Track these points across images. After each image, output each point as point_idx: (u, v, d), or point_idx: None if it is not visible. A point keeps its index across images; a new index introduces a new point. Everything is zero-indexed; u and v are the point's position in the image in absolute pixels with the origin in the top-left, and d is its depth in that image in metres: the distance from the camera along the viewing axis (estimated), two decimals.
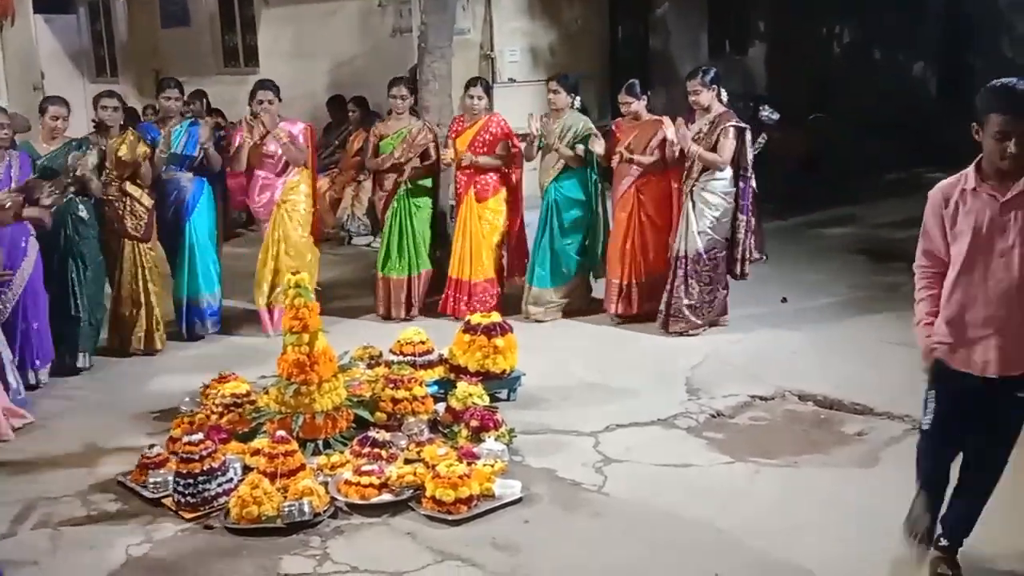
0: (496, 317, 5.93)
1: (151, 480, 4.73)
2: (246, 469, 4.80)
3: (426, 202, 7.60)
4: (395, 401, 5.34)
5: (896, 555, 3.94)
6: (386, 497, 4.56)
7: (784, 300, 7.77)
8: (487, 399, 5.43)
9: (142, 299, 6.80)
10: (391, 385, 5.40)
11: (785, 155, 11.06)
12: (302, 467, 4.70)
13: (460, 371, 5.75)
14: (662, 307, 7.08)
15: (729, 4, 13.57)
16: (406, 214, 7.50)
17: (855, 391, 5.78)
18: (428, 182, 7.60)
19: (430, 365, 5.87)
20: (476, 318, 5.90)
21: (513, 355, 5.82)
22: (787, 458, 5.02)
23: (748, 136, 6.91)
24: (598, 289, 7.68)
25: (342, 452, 4.99)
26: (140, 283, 6.81)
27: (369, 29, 10.93)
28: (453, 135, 7.56)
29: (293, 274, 5.22)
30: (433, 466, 4.63)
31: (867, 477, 4.80)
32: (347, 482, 4.62)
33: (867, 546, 4.14)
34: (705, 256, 6.93)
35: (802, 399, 5.80)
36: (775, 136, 10.84)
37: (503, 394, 5.86)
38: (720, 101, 6.92)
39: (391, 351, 5.98)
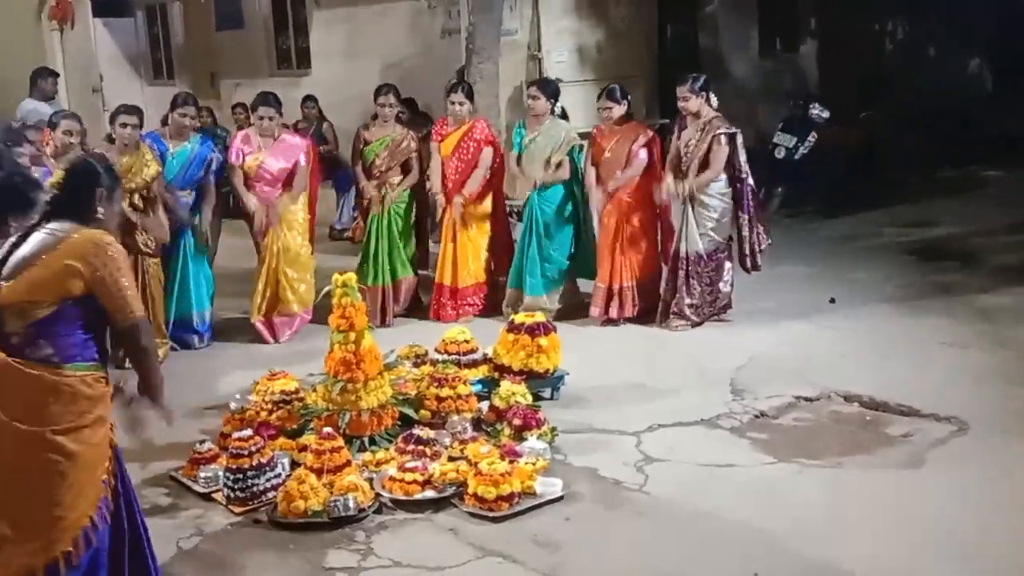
0: (540, 317, 5.96)
1: (202, 475, 4.83)
2: (294, 465, 4.88)
3: (406, 209, 7.56)
4: (439, 399, 5.40)
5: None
6: (429, 494, 4.63)
7: (832, 301, 7.70)
8: (530, 398, 5.47)
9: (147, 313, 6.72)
10: (436, 383, 5.46)
11: (835, 153, 11.00)
12: (348, 463, 4.77)
13: (504, 370, 5.79)
14: (662, 306, 7.17)
15: (780, 1, 13.46)
16: (385, 223, 7.46)
17: (902, 392, 5.73)
18: (409, 191, 7.57)
19: (474, 364, 5.92)
20: (520, 317, 5.94)
21: (556, 354, 5.86)
22: (831, 459, 4.99)
23: (740, 139, 6.97)
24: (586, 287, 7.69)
25: (387, 449, 5.06)
26: (145, 296, 6.58)
27: (419, 30, 11.01)
28: (437, 139, 7.58)
29: (340, 273, 5.31)
30: (476, 463, 4.68)
31: (912, 479, 4.76)
32: (391, 478, 4.69)
33: (910, 549, 4.11)
34: (706, 258, 7.01)
35: (848, 400, 5.76)
36: (825, 134, 10.88)
37: (546, 393, 5.89)
38: (710, 106, 6.98)
39: (436, 350, 6.04)
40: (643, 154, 7.20)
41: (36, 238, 3.30)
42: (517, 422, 5.18)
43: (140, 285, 6.51)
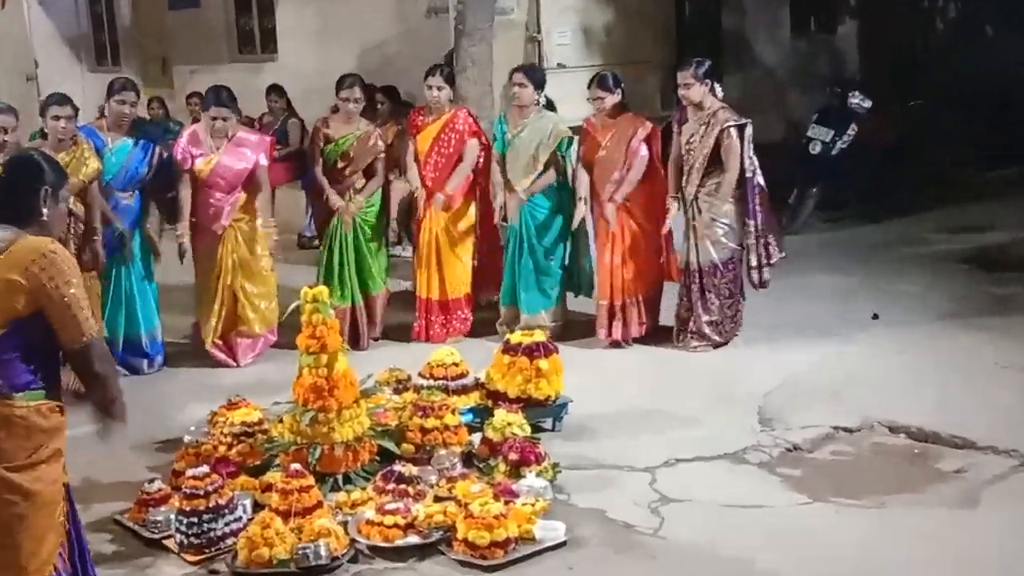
0: (540, 336, 5.99)
1: (151, 518, 4.83)
2: (257, 507, 4.89)
3: (374, 214, 7.57)
4: (424, 431, 5.41)
5: None
6: (413, 539, 4.63)
7: (875, 316, 7.75)
8: (528, 429, 5.48)
9: None
10: (420, 413, 5.47)
11: (878, 148, 11.07)
12: (319, 505, 4.78)
13: (498, 397, 5.81)
14: (678, 325, 7.21)
15: None
16: (351, 232, 7.45)
17: (955, 422, 5.75)
18: (376, 194, 7.59)
19: (464, 390, 5.94)
20: (517, 337, 5.96)
21: (558, 379, 5.88)
22: (874, 498, 5.02)
23: (749, 132, 6.97)
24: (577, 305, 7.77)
25: (364, 488, 5.06)
26: None
27: (401, 9, 11.07)
28: (413, 131, 7.62)
29: (310, 287, 5.33)
30: (466, 505, 4.69)
31: (966, 520, 4.78)
32: (369, 522, 4.70)
33: None
34: (722, 268, 7.06)
35: (893, 431, 5.79)
36: (866, 127, 10.93)
37: (547, 423, 5.91)
38: (714, 96, 7.02)
39: (420, 374, 6.05)
40: (644, 150, 7.22)
41: None
42: (514, 457, 5.19)
43: None
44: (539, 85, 7.43)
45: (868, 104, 10.92)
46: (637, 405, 6.28)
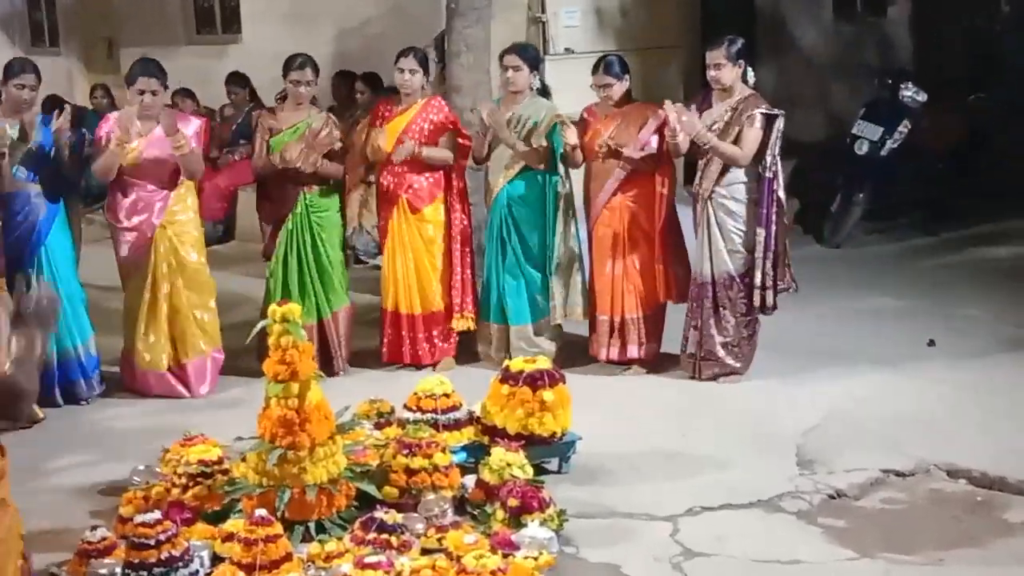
0: (544, 363, 6.00)
1: (93, 571, 4.81)
2: (216, 559, 4.89)
3: (333, 219, 7.58)
4: (410, 472, 5.40)
5: None
6: None
7: (931, 343, 7.78)
8: (530, 471, 5.48)
9: None
10: (405, 451, 5.46)
11: (934, 148, 11.10)
12: (288, 557, 4.76)
13: (496, 433, 5.81)
14: (692, 348, 7.23)
15: None
16: (307, 239, 7.44)
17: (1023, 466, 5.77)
18: (335, 194, 7.61)
19: (457, 425, 5.93)
20: (517, 364, 5.97)
21: (565, 413, 5.89)
22: (930, 554, 5.02)
23: (780, 123, 6.96)
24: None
25: (340, 538, 5.06)
26: None
27: None
28: (379, 121, 7.63)
29: (279, 304, 5.33)
30: (458, 558, 4.69)
31: None
32: None
33: None
34: (739, 281, 7.08)
35: (952, 475, 5.80)
36: (921, 124, 10.96)
37: (552, 464, 5.92)
38: (745, 82, 7.06)
39: (405, 406, 6.06)
40: (655, 141, 7.25)
41: None
42: (513, 503, 5.19)
43: None
44: (534, 66, 7.48)
45: (923, 97, 10.94)
46: (657, 443, 6.30)
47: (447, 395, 6.02)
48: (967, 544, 5.12)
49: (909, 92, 10.96)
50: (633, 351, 7.42)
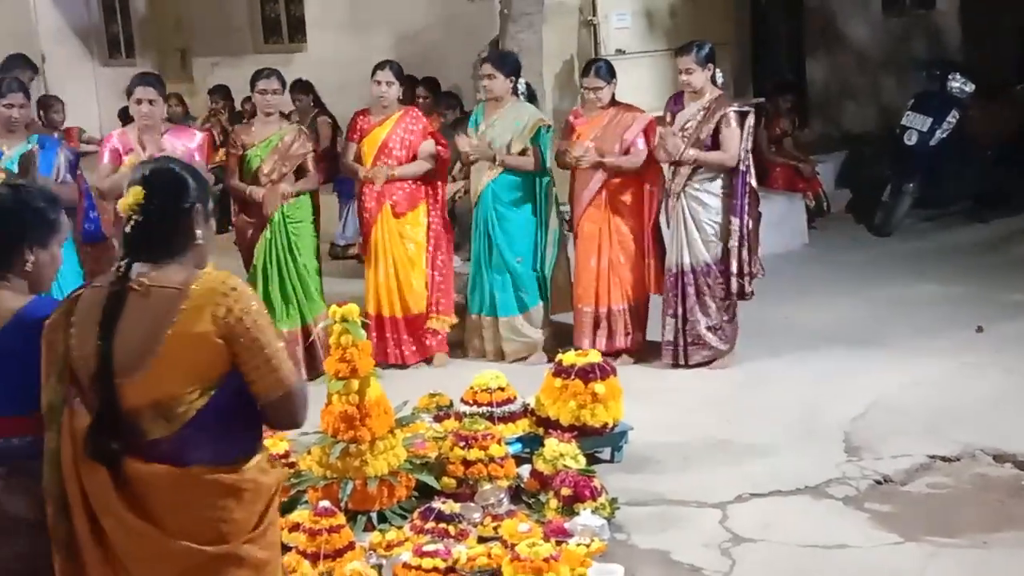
0: (595, 356, 6.03)
1: None
2: (282, 548, 4.96)
3: (308, 229, 7.54)
4: (467, 463, 5.45)
5: None
6: None
7: (980, 329, 7.72)
8: (583, 460, 5.52)
9: None
10: (462, 443, 5.51)
11: (983, 138, 10.96)
12: (351, 546, 4.84)
13: (549, 425, 5.86)
14: (670, 336, 7.30)
15: None
16: (284, 247, 7.40)
17: None
18: (308, 202, 7.56)
19: (511, 417, 5.97)
20: (569, 357, 6.00)
21: (617, 404, 5.92)
22: (975, 537, 5.00)
23: (751, 122, 7.15)
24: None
25: (400, 527, 5.13)
26: None
27: None
28: (357, 135, 7.64)
29: (339, 305, 5.41)
30: (513, 546, 4.72)
31: None
32: (406, 565, 4.73)
33: None
34: (716, 267, 7.19)
35: (998, 460, 5.76)
36: (970, 114, 10.83)
37: (604, 454, 5.96)
38: (714, 84, 7.18)
39: (463, 400, 6.11)
40: (641, 143, 7.35)
41: (140, 300, 2.99)
42: (566, 492, 5.23)
43: None
44: (510, 73, 7.51)
45: (970, 88, 10.82)
46: (706, 432, 6.30)
47: (502, 389, 6.05)
48: (1011, 527, 5.08)
49: (957, 83, 10.85)
50: (620, 342, 7.46)
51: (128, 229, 3.04)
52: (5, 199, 3.29)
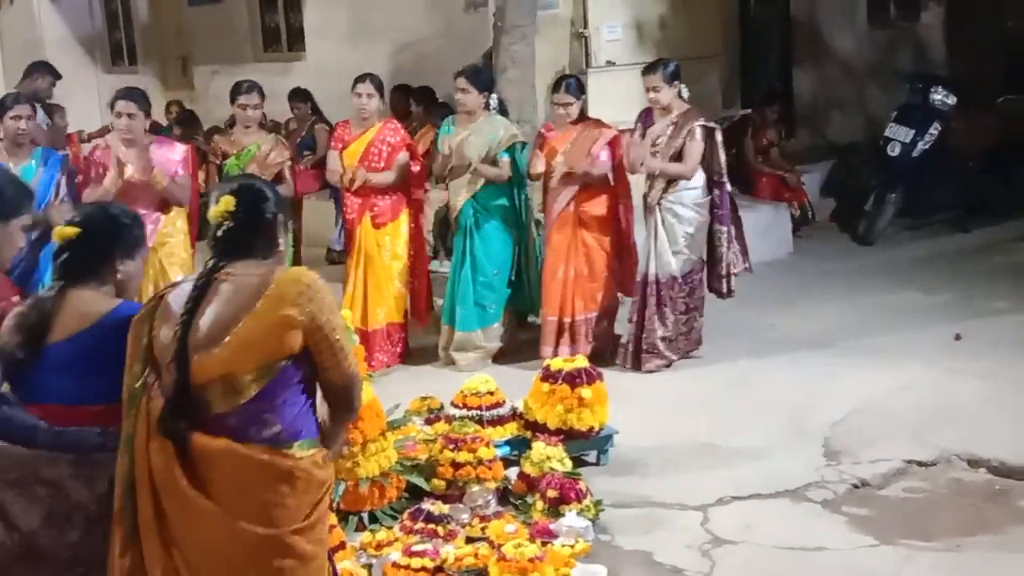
0: (582, 362, 6.08)
1: None
2: None
3: (293, 233, 7.48)
4: (456, 465, 5.49)
5: None
6: None
7: (958, 337, 7.74)
8: (569, 463, 5.57)
9: None
10: (451, 446, 5.56)
11: (966, 149, 11.01)
12: (342, 546, 4.87)
13: (537, 428, 5.90)
14: (626, 341, 7.44)
15: None
16: None
17: None
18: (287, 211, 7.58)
19: (500, 421, 6.02)
20: (557, 363, 6.05)
21: (603, 409, 5.96)
22: (949, 540, 5.04)
23: (719, 137, 7.31)
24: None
25: (390, 528, 5.17)
26: None
27: (439, 4, 11.21)
28: (340, 145, 7.70)
29: None
30: (499, 546, 4.78)
31: None
32: (395, 564, 4.78)
33: None
34: (681, 280, 7.30)
35: (972, 465, 5.80)
36: (953, 126, 10.89)
37: (591, 457, 6.00)
38: (682, 98, 7.30)
39: (453, 404, 6.16)
40: (604, 155, 7.44)
41: (226, 289, 3.22)
42: (552, 494, 5.27)
43: None
44: (483, 88, 7.57)
45: (952, 100, 10.89)
46: (690, 436, 6.34)
47: (491, 393, 6.10)
48: (984, 531, 5.12)
49: (939, 95, 10.91)
50: (583, 348, 7.46)
51: (219, 234, 3.29)
52: (97, 217, 3.55)
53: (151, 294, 6.71)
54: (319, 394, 3.35)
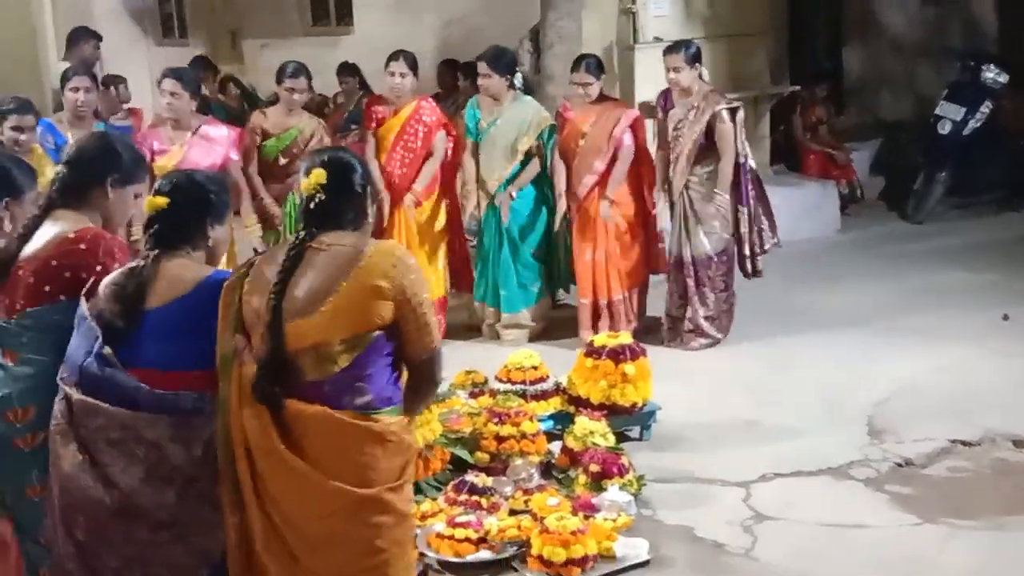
0: (626, 338, 6.10)
1: None
2: None
3: None
4: (500, 439, 5.53)
5: None
6: (484, 555, 4.77)
7: (1006, 318, 7.70)
8: (612, 438, 5.59)
9: None
10: (495, 419, 5.60)
11: (1017, 128, 10.90)
12: None
13: (580, 403, 5.93)
14: (668, 321, 7.49)
15: None
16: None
17: None
18: None
19: (544, 395, 6.06)
20: (600, 339, 6.08)
21: (646, 385, 5.99)
22: (992, 519, 5.04)
23: (741, 115, 7.26)
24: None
25: (434, 499, 5.22)
26: None
27: None
28: (374, 124, 7.60)
29: None
30: (542, 519, 4.81)
31: None
32: (439, 535, 4.84)
33: None
34: (716, 259, 7.31)
35: (1017, 445, 5.79)
36: (1004, 104, 10.77)
37: (633, 432, 6.03)
38: (702, 80, 7.31)
39: (497, 378, 6.20)
40: (628, 139, 7.41)
41: (320, 259, 3.29)
42: (595, 468, 5.30)
43: None
44: (505, 71, 7.52)
45: (1004, 79, 10.77)
46: (733, 413, 6.36)
47: (535, 368, 6.14)
48: None
49: (991, 73, 10.80)
50: (623, 327, 7.38)
51: (312, 206, 3.35)
52: (186, 185, 3.59)
53: None
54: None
